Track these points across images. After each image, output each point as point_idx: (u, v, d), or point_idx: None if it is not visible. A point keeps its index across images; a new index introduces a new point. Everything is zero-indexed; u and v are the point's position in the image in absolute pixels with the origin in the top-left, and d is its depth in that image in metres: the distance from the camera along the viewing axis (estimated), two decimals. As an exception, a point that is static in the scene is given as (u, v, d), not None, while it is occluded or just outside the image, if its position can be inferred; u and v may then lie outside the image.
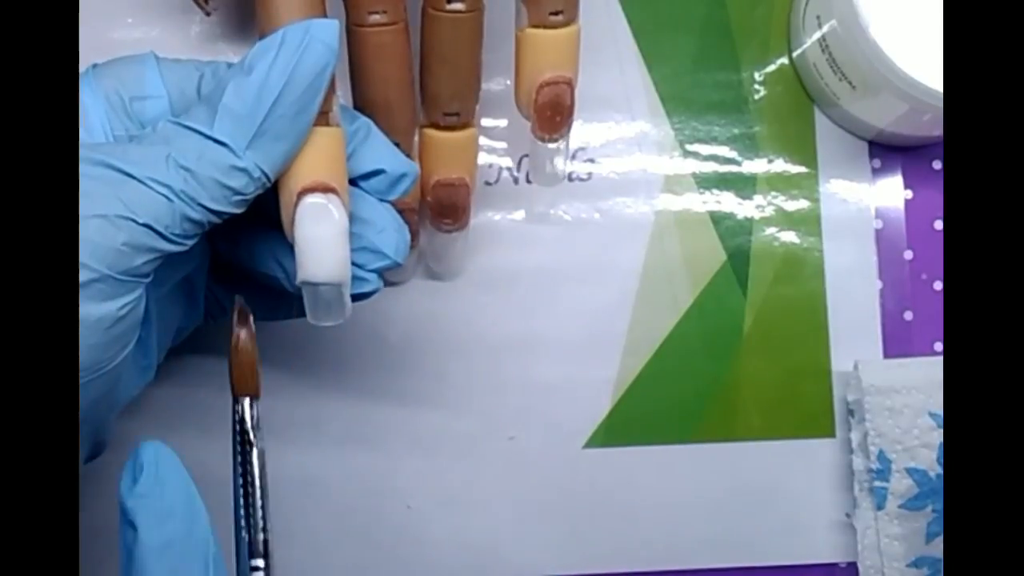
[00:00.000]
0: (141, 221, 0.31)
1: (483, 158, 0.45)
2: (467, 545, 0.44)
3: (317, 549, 0.44)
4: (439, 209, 0.40)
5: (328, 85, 0.32)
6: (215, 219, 0.32)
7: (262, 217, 0.35)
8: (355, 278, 0.35)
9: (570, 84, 0.38)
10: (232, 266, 0.38)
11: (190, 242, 0.32)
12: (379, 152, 0.35)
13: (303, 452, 0.44)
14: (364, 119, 0.36)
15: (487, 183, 0.45)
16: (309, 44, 0.32)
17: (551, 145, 0.39)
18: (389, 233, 0.35)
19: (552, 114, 0.38)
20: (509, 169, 0.45)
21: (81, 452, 0.35)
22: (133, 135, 0.34)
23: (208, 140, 0.31)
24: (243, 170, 0.32)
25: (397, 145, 0.37)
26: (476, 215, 0.45)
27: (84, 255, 0.30)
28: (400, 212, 0.36)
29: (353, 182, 0.35)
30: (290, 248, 0.33)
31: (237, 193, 0.32)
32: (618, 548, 0.44)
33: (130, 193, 0.31)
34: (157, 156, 0.31)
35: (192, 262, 0.38)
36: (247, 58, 0.32)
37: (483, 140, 0.45)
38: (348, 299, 0.34)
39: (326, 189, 0.32)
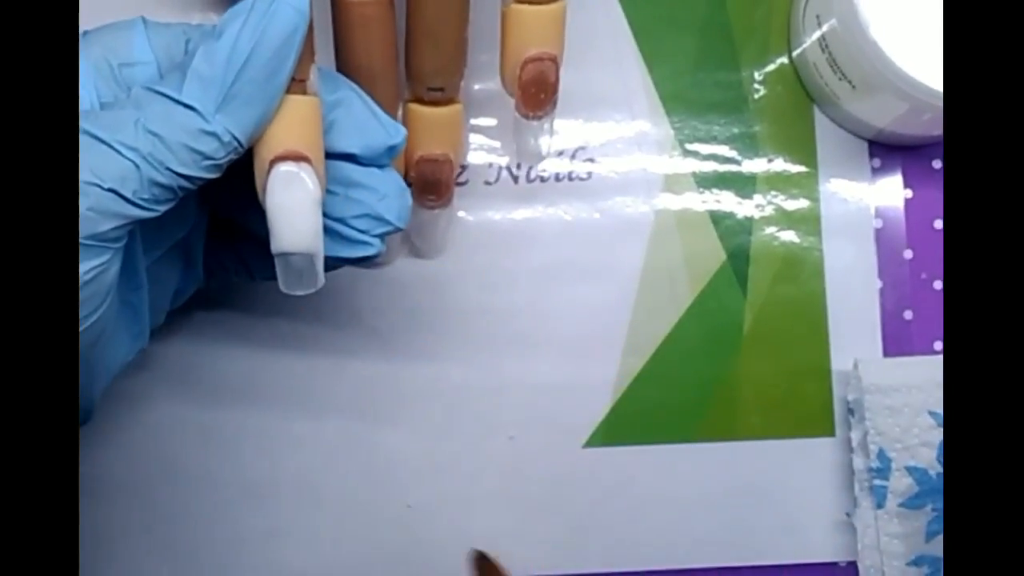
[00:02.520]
0: (106, 186, 0.31)
1: (483, 158, 0.45)
2: (467, 544, 0.44)
3: (317, 548, 0.44)
4: (423, 185, 0.40)
5: (299, 49, 0.32)
6: (188, 184, 0.32)
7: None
8: (357, 242, 0.35)
9: (555, 60, 0.37)
10: (233, 225, 0.38)
11: (161, 208, 0.32)
12: (364, 120, 0.35)
13: (303, 452, 0.44)
14: (348, 90, 0.35)
15: (487, 183, 0.45)
16: (278, 7, 0.31)
17: (535, 123, 0.39)
18: (391, 199, 0.35)
19: (536, 91, 0.38)
20: (508, 168, 0.45)
21: None
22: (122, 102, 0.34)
23: (177, 104, 0.31)
24: (213, 134, 0.31)
25: None
26: (476, 215, 0.45)
27: None
28: None
29: (347, 154, 0.35)
30: None
31: (207, 158, 0.32)
32: (618, 547, 0.44)
33: (96, 157, 0.31)
34: (126, 121, 0.31)
35: (184, 226, 0.37)
36: (219, 24, 0.32)
37: (483, 140, 0.45)
38: (320, 269, 0.34)
39: (298, 158, 0.32)
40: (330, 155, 0.34)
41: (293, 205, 0.32)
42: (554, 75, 0.38)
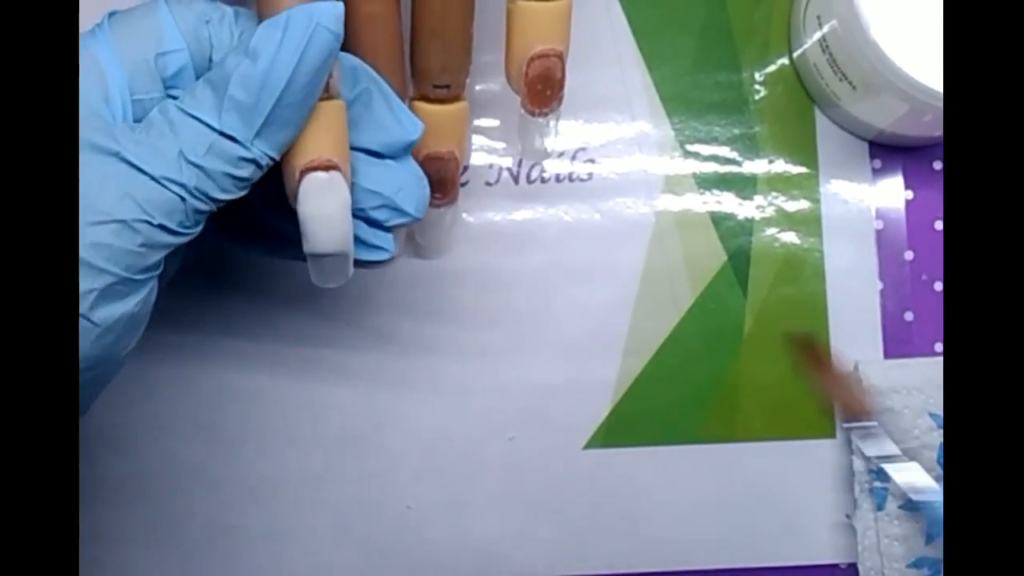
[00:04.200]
0: (156, 222, 0.31)
1: (483, 158, 0.45)
2: (467, 545, 0.44)
3: (317, 549, 0.44)
4: (428, 183, 0.40)
5: (332, 66, 0.32)
6: (223, 204, 0.33)
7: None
8: (373, 247, 0.36)
9: (561, 57, 0.37)
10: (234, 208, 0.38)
11: (198, 229, 0.33)
12: (383, 118, 0.35)
13: (303, 452, 0.44)
14: (367, 82, 0.35)
15: (487, 183, 0.45)
16: (314, 32, 0.31)
17: (541, 120, 0.39)
18: (409, 190, 0.36)
19: (543, 88, 0.38)
20: (509, 169, 0.45)
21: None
22: (154, 97, 0.34)
23: (217, 134, 0.32)
24: (252, 161, 0.32)
25: None
26: (476, 215, 0.45)
27: (101, 259, 0.31)
28: None
29: (366, 148, 0.35)
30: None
31: (244, 180, 0.32)
32: (618, 548, 0.44)
33: (146, 193, 0.31)
34: (169, 151, 0.31)
35: None
36: (252, 43, 0.32)
37: (483, 140, 0.45)
38: (351, 264, 0.35)
39: (328, 167, 0.33)
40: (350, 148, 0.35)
41: (325, 211, 0.33)
42: (560, 72, 0.38)
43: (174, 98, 0.33)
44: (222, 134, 0.32)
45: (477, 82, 0.44)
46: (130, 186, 0.31)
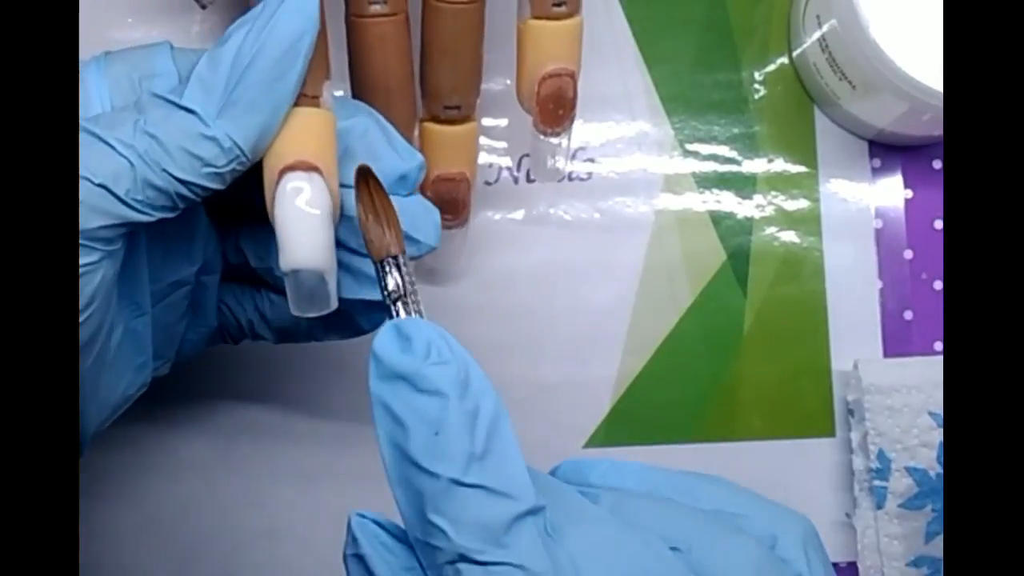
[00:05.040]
0: (97, 181, 0.30)
1: (483, 158, 0.45)
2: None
3: (316, 548, 0.44)
4: (439, 204, 0.39)
5: (307, 55, 0.31)
6: (187, 192, 0.31)
7: None
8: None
9: (573, 76, 0.37)
10: (257, 279, 0.37)
11: (157, 214, 0.31)
12: (379, 148, 0.34)
13: (302, 450, 0.44)
14: (364, 115, 0.35)
15: (487, 183, 0.45)
16: (284, 11, 0.31)
17: (553, 140, 0.38)
18: (419, 218, 0.34)
19: (555, 107, 0.37)
20: (509, 169, 0.45)
21: None
22: None
23: (176, 107, 0.31)
24: (213, 139, 0.31)
25: None
26: (476, 215, 0.45)
27: None
28: None
29: None
30: None
31: (208, 164, 0.31)
32: (618, 548, 0.44)
33: (90, 153, 0.30)
34: (126, 120, 0.31)
35: (191, 263, 0.36)
36: (227, 31, 0.31)
37: (483, 140, 0.45)
38: (333, 289, 0.32)
39: (309, 168, 0.31)
40: (348, 186, 0.33)
41: (302, 218, 0.31)
42: (572, 91, 0.37)
43: None
44: (181, 107, 0.31)
45: (477, 81, 0.44)
46: (79, 147, 0.30)
